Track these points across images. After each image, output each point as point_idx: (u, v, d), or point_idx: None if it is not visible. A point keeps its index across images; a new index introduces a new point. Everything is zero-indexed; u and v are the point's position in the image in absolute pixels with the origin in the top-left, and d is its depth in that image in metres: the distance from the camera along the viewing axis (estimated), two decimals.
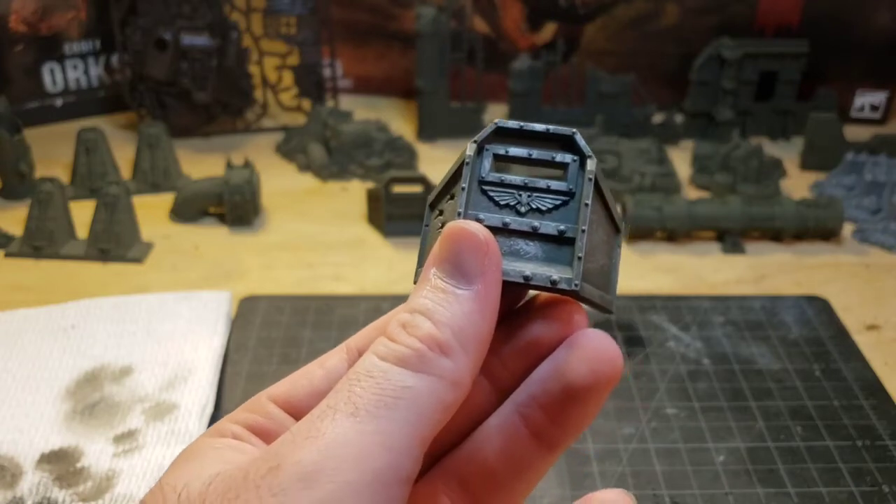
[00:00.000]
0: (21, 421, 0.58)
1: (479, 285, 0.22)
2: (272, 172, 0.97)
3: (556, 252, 0.24)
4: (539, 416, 0.23)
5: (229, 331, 0.69)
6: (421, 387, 0.21)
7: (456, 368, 0.21)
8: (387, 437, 0.20)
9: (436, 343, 0.21)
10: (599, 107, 1.05)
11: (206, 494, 0.20)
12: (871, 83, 1.09)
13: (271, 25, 1.07)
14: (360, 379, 0.21)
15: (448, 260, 0.23)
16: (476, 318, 0.22)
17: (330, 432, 0.20)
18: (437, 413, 0.21)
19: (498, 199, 0.25)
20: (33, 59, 1.07)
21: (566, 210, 0.25)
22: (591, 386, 0.23)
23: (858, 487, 0.55)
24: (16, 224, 0.84)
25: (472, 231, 0.23)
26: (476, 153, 0.25)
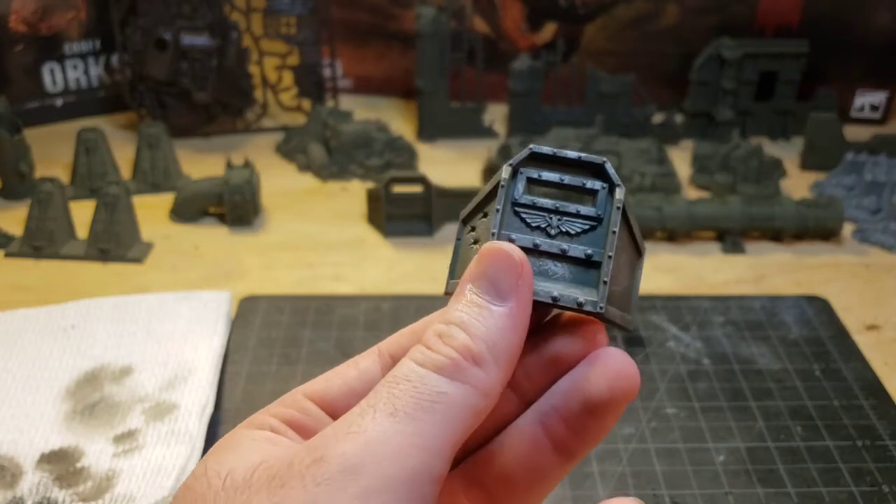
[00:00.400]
0: (21, 421, 0.58)
1: (512, 303, 0.24)
2: (272, 172, 0.97)
3: (582, 274, 0.26)
4: (560, 427, 0.25)
5: (229, 331, 0.69)
6: (455, 394, 0.22)
7: (488, 379, 0.23)
8: (423, 439, 0.21)
9: (470, 354, 0.23)
10: (599, 107, 1.05)
11: (250, 481, 0.21)
12: (871, 83, 1.09)
13: (271, 25, 1.07)
14: (398, 382, 0.22)
15: (485, 277, 0.24)
16: (508, 333, 0.24)
17: (371, 429, 0.21)
18: (469, 420, 0.22)
19: (530, 221, 0.27)
20: (33, 59, 1.07)
21: (594, 235, 0.26)
22: (609, 401, 0.24)
23: (858, 487, 0.55)
24: (16, 224, 0.84)
25: (508, 252, 0.24)
26: (511, 176, 0.27)
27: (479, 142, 1.05)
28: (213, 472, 0.22)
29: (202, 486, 0.22)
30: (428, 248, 0.83)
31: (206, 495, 0.22)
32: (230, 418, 0.61)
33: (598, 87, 1.05)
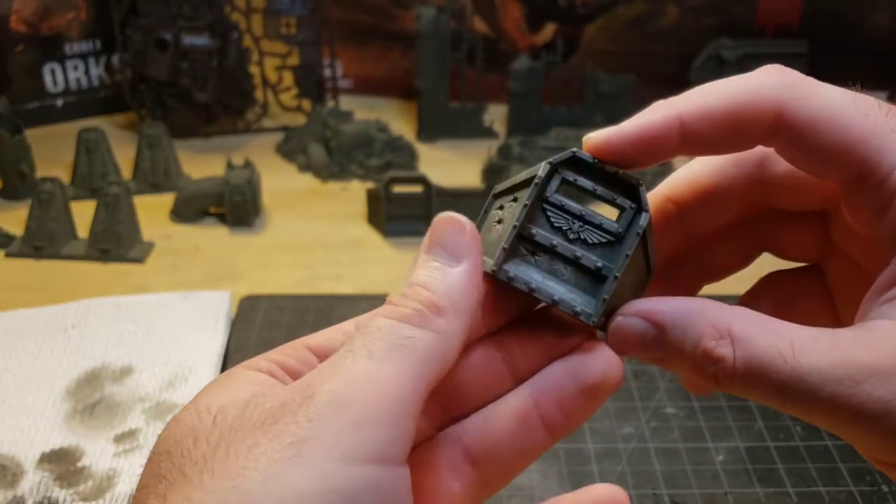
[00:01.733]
0: (22, 420, 0.59)
1: (466, 262, 0.26)
2: (272, 172, 0.97)
3: (588, 283, 0.27)
4: (553, 408, 0.27)
5: (229, 331, 0.69)
6: (421, 337, 0.24)
7: (450, 327, 0.25)
8: (398, 377, 0.23)
9: (434, 305, 0.25)
10: (599, 107, 1.05)
11: (242, 419, 0.23)
12: (871, 83, 1.09)
13: (271, 26, 1.07)
14: (371, 332, 0.24)
15: (437, 243, 0.26)
16: (466, 288, 0.26)
17: (353, 369, 0.23)
18: (436, 364, 0.24)
19: (553, 221, 0.28)
20: (34, 60, 1.07)
21: (609, 250, 0.28)
22: (602, 386, 0.27)
23: (858, 487, 0.55)
24: (16, 224, 0.84)
25: (454, 217, 0.27)
26: (548, 173, 0.27)
27: (479, 142, 1.05)
28: (203, 407, 0.23)
29: (192, 419, 0.23)
30: None
31: (197, 429, 0.23)
32: None
33: (598, 87, 1.05)
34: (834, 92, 0.27)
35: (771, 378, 0.24)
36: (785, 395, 0.24)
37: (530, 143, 0.98)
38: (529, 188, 0.27)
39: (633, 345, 0.27)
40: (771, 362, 0.24)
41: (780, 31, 1.07)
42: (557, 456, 0.57)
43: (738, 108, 0.27)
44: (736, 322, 0.25)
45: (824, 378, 0.24)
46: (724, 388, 0.25)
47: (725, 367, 0.25)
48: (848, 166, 0.26)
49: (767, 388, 0.24)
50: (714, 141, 0.27)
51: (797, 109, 0.26)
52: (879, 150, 0.25)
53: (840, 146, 0.26)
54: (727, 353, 0.25)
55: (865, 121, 0.26)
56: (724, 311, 0.26)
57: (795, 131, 0.26)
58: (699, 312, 0.26)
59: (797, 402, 0.24)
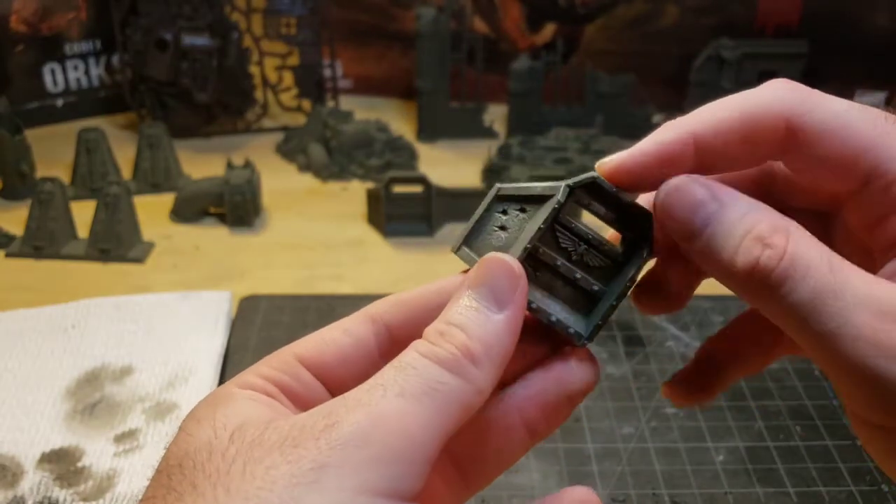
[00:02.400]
0: (22, 420, 0.59)
1: (509, 311, 0.26)
2: (272, 172, 0.97)
3: (582, 304, 0.28)
4: (535, 413, 0.28)
5: (230, 331, 0.69)
6: (454, 385, 0.24)
7: (483, 377, 0.25)
8: (425, 419, 0.23)
9: (469, 353, 0.25)
10: (599, 107, 1.05)
11: (262, 439, 0.23)
12: (870, 83, 1.09)
13: (271, 26, 1.07)
14: (404, 368, 0.24)
15: (485, 285, 0.26)
16: (504, 338, 0.26)
17: (382, 404, 0.23)
18: (462, 412, 0.24)
19: (560, 242, 0.28)
20: (34, 60, 1.07)
21: (608, 274, 0.29)
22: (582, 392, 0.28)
23: (858, 487, 0.55)
24: (16, 224, 0.84)
25: (510, 265, 0.26)
26: (566, 196, 0.28)
27: (479, 142, 1.06)
28: (219, 424, 0.24)
29: (206, 434, 0.24)
30: (428, 248, 0.83)
31: (213, 444, 0.23)
32: None
33: (597, 87, 1.05)
34: (841, 103, 0.27)
35: (810, 282, 0.24)
36: (814, 306, 0.24)
37: (530, 143, 0.98)
38: (544, 207, 0.28)
39: (686, 208, 0.26)
40: (817, 267, 0.24)
41: (780, 31, 1.07)
42: (557, 456, 0.57)
43: (750, 122, 0.27)
44: (795, 226, 0.25)
45: (861, 302, 0.23)
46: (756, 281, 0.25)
47: (772, 256, 0.24)
48: (856, 173, 0.26)
49: (802, 291, 0.24)
50: (728, 156, 0.28)
51: (807, 120, 0.26)
52: (888, 157, 0.26)
53: (850, 154, 0.26)
54: (780, 242, 0.24)
55: (873, 130, 0.26)
56: (784, 217, 0.26)
57: (806, 142, 0.26)
58: (763, 206, 0.26)
59: (820, 319, 0.23)
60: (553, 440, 0.59)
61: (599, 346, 0.68)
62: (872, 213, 0.27)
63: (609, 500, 0.54)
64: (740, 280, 0.25)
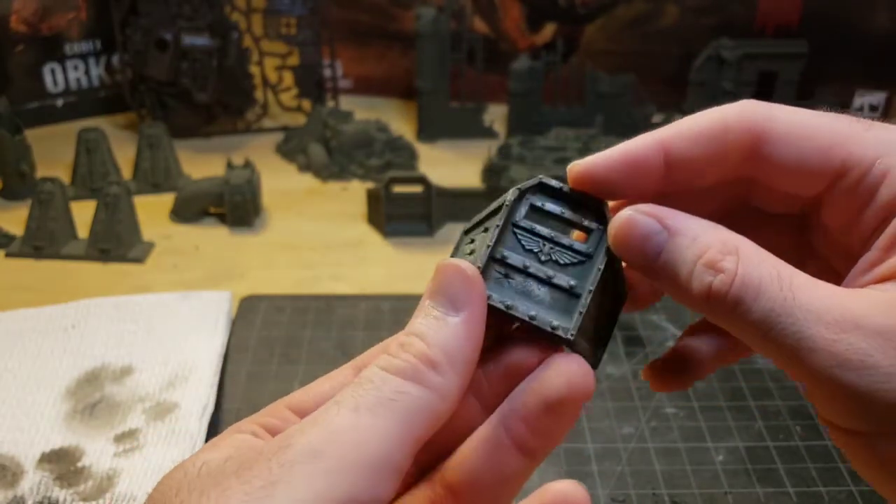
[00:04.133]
0: (22, 420, 0.59)
1: (465, 313, 0.26)
2: (272, 172, 0.97)
3: (562, 302, 0.27)
4: (521, 427, 0.26)
5: (230, 331, 0.69)
6: (414, 393, 0.24)
7: (445, 382, 0.25)
8: (382, 431, 0.23)
9: (428, 360, 0.25)
10: (599, 107, 1.05)
11: (223, 468, 0.24)
12: (870, 83, 1.09)
13: (271, 26, 1.07)
14: (362, 384, 0.25)
15: (439, 291, 0.26)
16: (462, 341, 0.26)
17: (335, 421, 0.23)
18: (428, 419, 0.24)
19: (524, 244, 0.28)
20: (34, 60, 1.07)
21: (581, 269, 0.28)
22: (566, 398, 0.26)
23: (857, 487, 0.55)
24: (17, 224, 0.84)
25: (461, 267, 0.26)
26: (517, 198, 0.28)
27: (479, 142, 1.06)
28: (189, 464, 0.25)
29: (179, 474, 0.24)
30: (428, 248, 0.84)
31: (182, 482, 0.24)
32: (231, 418, 0.61)
33: (597, 87, 1.05)
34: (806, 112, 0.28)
35: (763, 302, 0.24)
36: (769, 325, 0.24)
37: (530, 143, 0.98)
38: (499, 214, 0.28)
39: (636, 241, 0.26)
40: (768, 286, 0.24)
41: (780, 31, 1.07)
42: (557, 456, 0.57)
43: (719, 128, 0.28)
44: (744, 244, 0.25)
45: (814, 316, 0.24)
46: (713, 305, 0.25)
47: (724, 280, 0.25)
48: (828, 170, 0.27)
49: (756, 311, 0.24)
50: (697, 168, 0.28)
51: (773, 126, 0.27)
52: (859, 146, 0.26)
53: (819, 152, 0.27)
54: (731, 266, 0.25)
55: (841, 128, 0.27)
56: (733, 233, 0.26)
57: (775, 147, 0.27)
58: (711, 227, 0.26)
59: (778, 336, 0.24)
60: None
61: None
62: (848, 209, 0.27)
63: (609, 500, 0.54)
64: (699, 304, 0.26)
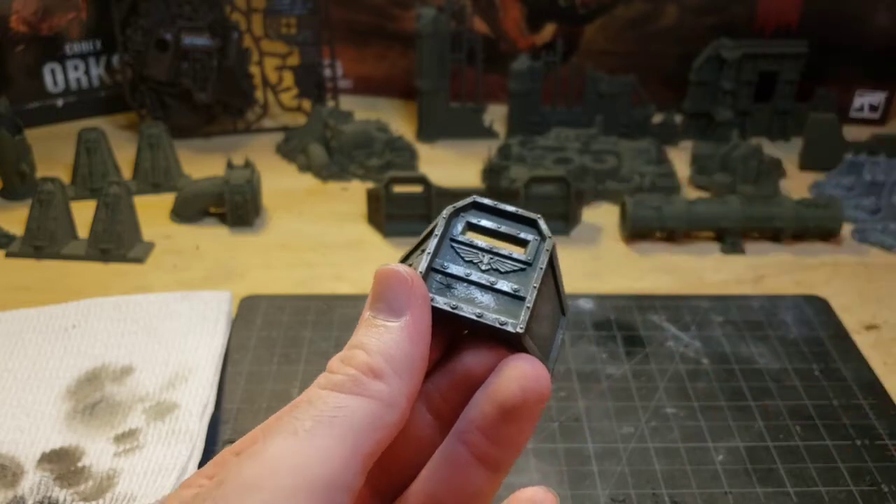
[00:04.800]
0: (22, 420, 0.59)
1: (406, 316, 0.25)
2: (272, 172, 0.97)
3: (507, 305, 0.27)
4: (479, 439, 0.25)
5: (230, 331, 0.69)
6: (355, 406, 0.23)
7: (389, 390, 0.24)
8: (323, 451, 0.22)
9: (369, 369, 0.24)
10: (599, 107, 1.05)
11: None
12: (870, 83, 1.10)
13: (271, 26, 1.07)
14: (299, 406, 0.23)
15: (378, 299, 0.25)
16: (406, 345, 0.24)
17: (270, 449, 0.22)
18: (376, 431, 0.23)
19: (464, 256, 0.28)
20: (34, 60, 1.07)
21: (522, 275, 0.28)
22: (521, 403, 0.25)
23: (857, 487, 0.55)
24: (17, 224, 0.84)
25: (396, 270, 0.25)
26: (451, 215, 0.28)
27: (479, 142, 1.06)
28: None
29: None
30: None
31: None
32: (230, 418, 0.61)
33: (597, 87, 1.05)
34: None
35: None
36: None
37: (530, 143, 0.98)
38: (435, 230, 0.28)
39: None
40: None
41: (780, 31, 1.07)
42: (557, 456, 0.57)
43: None
44: None
45: None
46: None
47: None
48: None
49: None
50: None
51: None
52: None
53: None
54: None
55: None
56: None
57: None
58: None
59: None
60: (553, 440, 0.59)
61: (599, 346, 0.68)
62: None
63: (609, 500, 0.54)
64: None
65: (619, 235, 0.86)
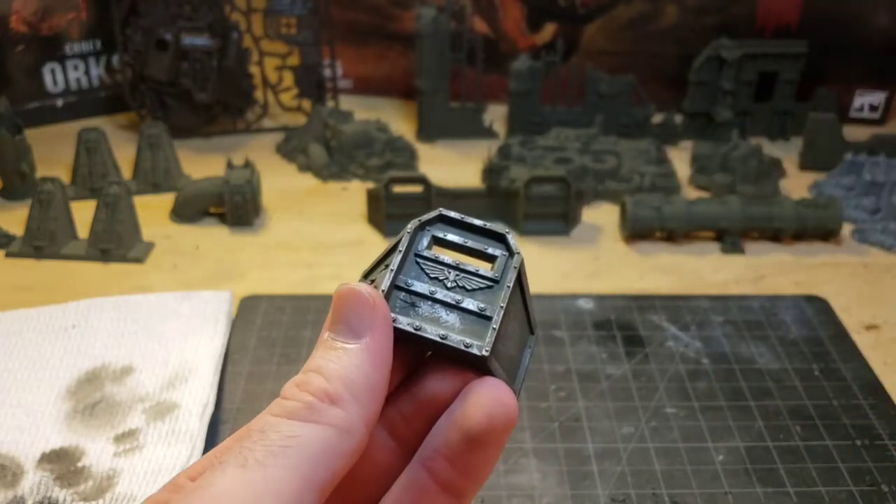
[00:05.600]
0: (22, 420, 0.59)
1: (367, 338, 0.24)
2: (272, 172, 0.97)
3: (473, 325, 0.26)
4: (444, 466, 0.24)
5: (230, 331, 0.69)
6: (310, 435, 0.22)
7: (347, 416, 0.22)
8: (275, 484, 0.21)
9: (326, 395, 0.22)
10: (599, 107, 1.05)
11: None
12: (870, 83, 1.10)
13: (271, 26, 1.07)
14: (251, 435, 0.22)
15: (337, 320, 0.24)
16: (366, 368, 0.23)
17: (218, 482, 0.21)
18: (332, 460, 0.22)
19: (429, 272, 0.27)
20: (34, 60, 1.07)
21: (489, 293, 0.27)
22: (488, 431, 0.24)
23: (857, 487, 0.55)
24: (17, 224, 0.84)
25: (357, 290, 0.24)
26: (416, 229, 0.27)
27: (479, 142, 1.06)
28: None
29: None
30: None
31: None
32: (230, 418, 0.61)
33: (597, 87, 1.05)
34: None
35: None
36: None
37: (530, 143, 0.98)
38: (399, 245, 0.27)
39: None
40: None
41: (780, 31, 1.07)
42: (557, 456, 0.57)
43: None
44: None
45: None
46: None
47: None
48: None
49: None
50: None
51: None
52: None
53: None
54: None
55: None
56: None
57: None
58: None
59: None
60: (553, 440, 0.59)
61: (599, 346, 0.68)
62: None
63: (609, 500, 0.54)
64: None
65: (619, 235, 0.86)
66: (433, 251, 0.27)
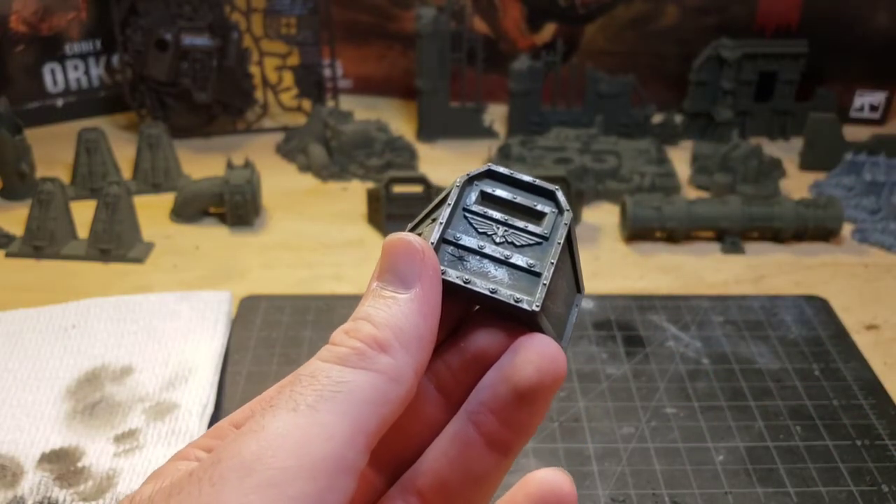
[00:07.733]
0: (22, 420, 0.59)
1: (416, 288, 0.24)
2: (272, 172, 0.97)
3: (521, 281, 0.26)
4: (490, 420, 0.24)
5: (230, 331, 0.69)
6: (360, 381, 0.22)
7: (396, 364, 0.22)
8: (326, 428, 0.21)
9: (375, 342, 0.23)
10: (599, 107, 1.05)
11: (154, 494, 0.21)
12: (870, 83, 1.10)
13: (271, 26, 1.07)
14: (301, 380, 0.22)
15: (387, 269, 0.24)
16: (415, 318, 0.23)
17: (270, 426, 0.21)
18: (381, 407, 0.22)
19: (477, 227, 0.27)
20: (34, 60, 1.07)
21: (539, 249, 0.26)
22: (537, 387, 0.24)
23: (857, 487, 0.55)
24: (17, 224, 0.84)
25: (407, 240, 0.24)
26: (465, 184, 0.27)
27: (479, 142, 1.06)
28: (137, 497, 0.22)
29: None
30: None
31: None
32: None
33: (597, 87, 1.05)
34: None
35: None
36: None
37: (530, 143, 0.98)
38: (448, 198, 0.27)
39: None
40: None
41: (780, 31, 1.07)
42: (557, 456, 0.57)
43: None
44: None
45: None
46: None
47: None
48: None
49: None
50: None
51: None
52: None
53: None
54: None
55: None
56: None
57: None
58: None
59: None
60: (553, 440, 0.59)
61: (599, 346, 0.68)
62: None
63: (609, 500, 0.54)
64: None
65: (619, 235, 0.86)
66: (481, 206, 0.27)
